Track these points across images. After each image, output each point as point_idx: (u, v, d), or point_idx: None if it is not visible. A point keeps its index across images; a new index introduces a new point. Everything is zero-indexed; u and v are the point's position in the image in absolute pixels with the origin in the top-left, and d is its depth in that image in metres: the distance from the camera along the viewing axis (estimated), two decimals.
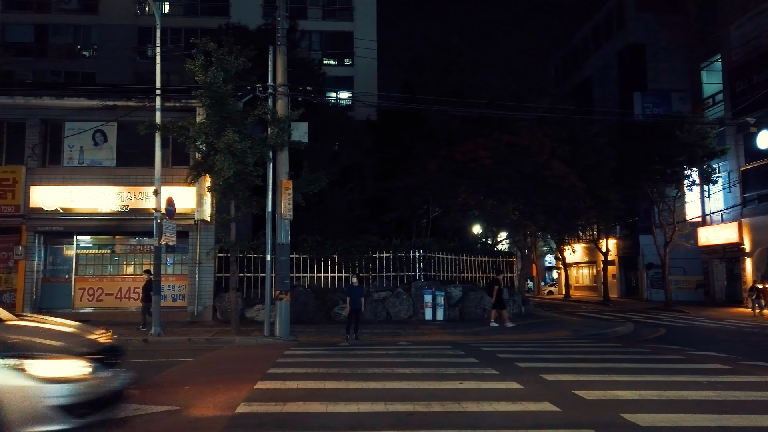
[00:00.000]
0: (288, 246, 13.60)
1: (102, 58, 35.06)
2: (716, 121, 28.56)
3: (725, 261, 31.15)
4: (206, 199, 16.13)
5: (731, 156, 29.07)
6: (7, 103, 16.42)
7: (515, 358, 9.95)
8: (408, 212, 26.12)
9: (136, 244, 17.48)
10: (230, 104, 13.17)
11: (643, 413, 5.96)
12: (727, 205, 30.19)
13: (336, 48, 37.50)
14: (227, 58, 13.19)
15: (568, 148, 23.78)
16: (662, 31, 36.53)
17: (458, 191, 21.61)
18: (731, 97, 29.19)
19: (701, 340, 14.03)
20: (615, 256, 38.87)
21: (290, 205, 13.46)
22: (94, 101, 16.55)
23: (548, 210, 22.22)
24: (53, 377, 4.56)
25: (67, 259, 17.22)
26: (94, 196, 16.53)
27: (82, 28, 36.06)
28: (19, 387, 4.44)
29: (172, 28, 33.40)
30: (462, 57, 25.62)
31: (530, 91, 25.44)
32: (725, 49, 30.38)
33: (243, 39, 16.51)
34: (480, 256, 20.44)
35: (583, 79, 44.34)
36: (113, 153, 17.15)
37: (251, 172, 13.37)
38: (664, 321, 20.39)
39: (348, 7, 37.45)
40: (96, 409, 4.89)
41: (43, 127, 16.98)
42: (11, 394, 4.38)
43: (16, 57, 20.52)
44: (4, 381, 4.41)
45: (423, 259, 18.01)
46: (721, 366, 9.41)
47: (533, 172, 20.94)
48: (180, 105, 16.12)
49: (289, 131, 13.66)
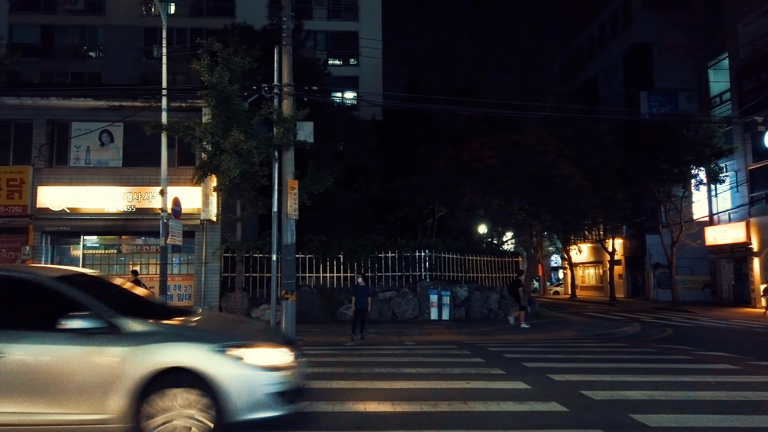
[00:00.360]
0: (294, 246, 13.60)
1: (108, 58, 35.21)
2: (723, 119, 28.40)
3: (733, 261, 30.97)
4: (212, 198, 16.15)
5: (739, 155, 28.90)
6: (14, 104, 16.51)
7: (522, 358, 9.92)
8: (413, 212, 26.11)
9: (143, 244, 17.53)
10: (236, 104, 13.18)
11: (652, 413, 5.92)
12: (734, 204, 30.01)
13: (341, 48, 37.53)
14: (233, 58, 13.21)
15: (574, 147, 23.69)
16: (668, 30, 36.36)
17: (463, 191, 21.56)
18: (738, 95, 29.01)
19: (709, 341, 13.95)
20: (621, 256, 38.73)
21: (296, 204, 13.46)
22: (101, 102, 16.61)
23: (554, 210, 22.12)
24: (268, 365, 4.77)
25: (74, 259, 17.29)
26: (101, 196, 16.59)
27: (89, 28, 36.23)
28: (241, 375, 4.63)
29: (178, 28, 33.55)
30: (466, 56, 25.58)
31: (535, 90, 25.34)
32: (732, 48, 30.20)
33: (248, 39, 16.57)
34: (486, 256, 20.40)
35: (589, 78, 44.20)
36: (119, 153, 17.20)
37: (257, 172, 13.38)
38: (671, 321, 20.29)
39: (353, 7, 37.47)
40: (299, 397, 5.12)
41: (49, 128, 17.04)
42: (236, 381, 4.58)
43: (23, 58, 20.57)
44: (229, 370, 4.60)
45: (428, 258, 17.99)
46: (729, 366, 9.35)
47: (539, 172, 20.87)
48: (186, 105, 16.16)
49: (294, 131, 13.66)
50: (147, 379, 4.46)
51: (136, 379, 4.45)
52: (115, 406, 4.44)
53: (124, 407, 4.44)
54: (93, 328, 4.57)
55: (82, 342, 4.55)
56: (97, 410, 4.46)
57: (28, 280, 5.01)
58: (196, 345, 4.70)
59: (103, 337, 4.58)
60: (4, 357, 4.48)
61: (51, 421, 4.47)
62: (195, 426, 4.49)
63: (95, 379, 4.48)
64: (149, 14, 35.80)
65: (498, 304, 19.15)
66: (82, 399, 4.46)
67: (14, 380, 4.48)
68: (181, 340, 4.76)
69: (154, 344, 4.59)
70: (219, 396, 4.51)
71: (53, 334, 4.58)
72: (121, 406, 4.44)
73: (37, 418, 4.46)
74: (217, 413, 4.51)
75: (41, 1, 35.66)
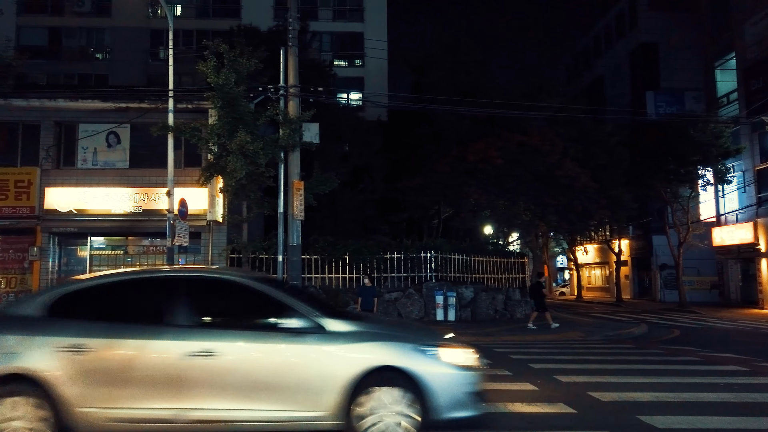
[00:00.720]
0: (299, 246, 13.63)
1: (115, 60, 35.38)
2: (730, 120, 28.23)
3: (740, 261, 30.79)
4: (218, 200, 16.19)
5: (746, 155, 28.73)
6: (22, 106, 16.60)
7: (528, 359, 9.90)
8: (419, 213, 26.11)
9: (149, 245, 17.59)
10: (242, 105, 13.23)
11: (660, 415, 5.90)
12: (741, 205, 29.85)
13: (346, 49, 37.57)
14: (239, 59, 13.25)
15: (580, 147, 23.63)
16: (675, 30, 36.21)
17: (469, 191, 21.53)
18: (746, 95, 28.85)
19: (716, 342, 13.87)
20: (628, 257, 38.58)
21: (302, 205, 13.49)
22: (108, 103, 16.68)
23: (560, 210, 22.06)
24: (465, 365, 4.87)
25: (81, 259, 17.37)
26: (108, 197, 16.66)
27: (95, 30, 36.41)
28: (444, 374, 4.72)
29: (184, 30, 33.65)
30: (471, 57, 25.55)
31: (541, 90, 25.30)
32: (739, 47, 30.04)
33: (254, 40, 16.60)
34: (491, 257, 20.35)
35: (595, 79, 44.08)
36: (126, 154, 17.27)
37: (263, 173, 13.42)
38: (678, 322, 20.20)
39: (358, 8, 37.50)
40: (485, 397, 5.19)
41: (57, 129, 17.13)
42: (439, 380, 4.67)
43: (31, 60, 20.74)
44: (433, 369, 4.70)
45: (434, 259, 17.96)
46: (737, 367, 9.30)
47: (544, 172, 20.82)
48: (192, 106, 16.20)
49: (300, 132, 13.69)
50: (359, 377, 4.57)
51: (348, 377, 4.57)
52: (328, 404, 4.55)
53: (336, 404, 4.55)
54: (304, 327, 4.73)
55: (294, 341, 4.68)
56: (312, 407, 4.58)
57: (234, 281, 5.18)
58: (401, 344, 4.81)
59: (312, 336, 4.71)
60: (218, 356, 4.57)
61: (266, 418, 4.59)
62: (405, 422, 4.58)
63: (309, 377, 4.60)
64: (155, 16, 35.95)
65: (504, 305, 19.12)
66: (297, 396, 4.58)
67: (229, 378, 4.58)
68: (385, 339, 4.88)
69: (361, 343, 4.73)
70: (425, 394, 4.60)
71: (266, 333, 4.77)
72: (334, 403, 4.55)
73: (252, 414, 4.57)
74: (423, 411, 4.60)
75: (48, 4, 35.85)
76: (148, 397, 4.52)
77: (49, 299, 4.89)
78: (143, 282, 5.25)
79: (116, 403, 4.51)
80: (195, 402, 4.53)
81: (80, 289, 5.06)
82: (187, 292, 4.94)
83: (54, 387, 4.43)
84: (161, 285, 5.12)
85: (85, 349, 4.54)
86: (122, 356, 4.61)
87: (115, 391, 4.53)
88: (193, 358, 4.54)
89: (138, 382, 4.54)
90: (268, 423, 4.57)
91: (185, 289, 4.99)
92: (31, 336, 4.62)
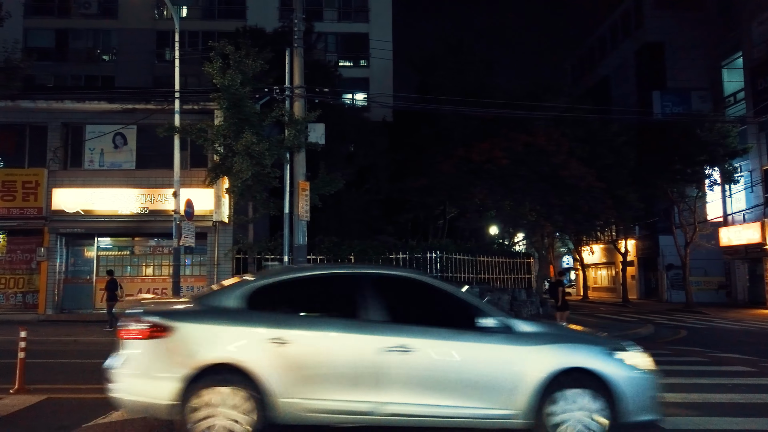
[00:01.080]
0: (305, 247, 13.64)
1: (121, 61, 35.54)
2: (737, 119, 28.10)
3: (747, 262, 30.62)
4: (224, 200, 16.25)
5: (753, 155, 28.57)
6: (29, 107, 16.72)
7: None
8: (424, 213, 26.08)
9: (155, 246, 17.68)
10: (248, 106, 13.26)
11: (667, 416, 5.88)
12: (749, 204, 29.69)
13: (351, 49, 37.61)
14: (245, 60, 13.29)
15: (586, 147, 23.54)
16: (681, 29, 36.02)
17: (474, 192, 21.50)
18: (753, 94, 28.70)
19: (723, 342, 13.80)
20: (634, 257, 38.42)
21: (307, 206, 13.51)
22: (114, 104, 16.78)
23: (566, 210, 21.99)
24: (646, 368, 4.88)
25: (88, 260, 17.48)
26: (115, 198, 16.75)
27: (102, 32, 36.59)
28: (632, 377, 4.74)
29: (190, 31, 33.75)
30: (476, 57, 25.54)
31: (546, 90, 25.23)
32: (746, 47, 29.88)
33: (260, 41, 16.65)
34: (497, 257, 20.30)
35: (601, 78, 43.92)
36: (133, 155, 17.37)
37: (269, 174, 13.45)
38: (685, 323, 20.10)
39: (363, 9, 37.53)
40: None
41: (64, 131, 17.25)
42: (628, 383, 4.69)
43: (38, 61, 20.83)
44: (622, 372, 4.72)
45: (439, 260, 17.93)
46: (744, 368, 9.26)
47: (550, 172, 20.76)
48: (198, 107, 16.27)
49: (306, 132, 13.71)
50: (550, 378, 4.62)
51: (539, 377, 4.61)
52: (519, 402, 4.61)
53: (527, 403, 4.60)
54: (494, 327, 4.80)
55: (486, 340, 4.76)
56: (503, 405, 4.64)
57: (423, 281, 5.35)
58: (590, 347, 4.87)
59: (503, 335, 4.78)
60: (414, 352, 4.66)
61: (458, 414, 4.67)
62: (594, 425, 4.61)
63: (502, 376, 4.67)
64: (161, 18, 36.09)
65: (510, 306, 19.07)
66: (489, 394, 4.65)
67: (424, 374, 4.67)
68: (574, 341, 4.99)
69: (551, 344, 4.79)
70: (615, 397, 4.62)
71: (459, 331, 4.82)
72: (525, 402, 4.60)
73: (445, 410, 4.65)
74: (611, 414, 4.62)
75: (55, 6, 36.07)
76: (347, 389, 4.64)
77: (247, 292, 5.00)
78: (336, 278, 5.46)
79: (316, 395, 4.62)
80: (391, 396, 4.63)
81: (276, 283, 5.21)
82: (378, 290, 5.06)
83: (260, 377, 4.57)
84: (353, 282, 5.24)
85: (287, 341, 4.66)
86: (322, 349, 4.74)
87: (316, 382, 4.65)
88: (390, 353, 4.64)
89: (337, 375, 4.67)
90: (461, 419, 4.66)
91: (377, 286, 5.11)
92: (238, 327, 4.77)
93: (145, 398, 4.65)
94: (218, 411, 4.53)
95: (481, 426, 4.71)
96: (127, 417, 5.67)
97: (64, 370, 8.95)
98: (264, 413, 4.55)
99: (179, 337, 4.67)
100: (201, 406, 4.53)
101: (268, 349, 4.63)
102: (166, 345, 4.64)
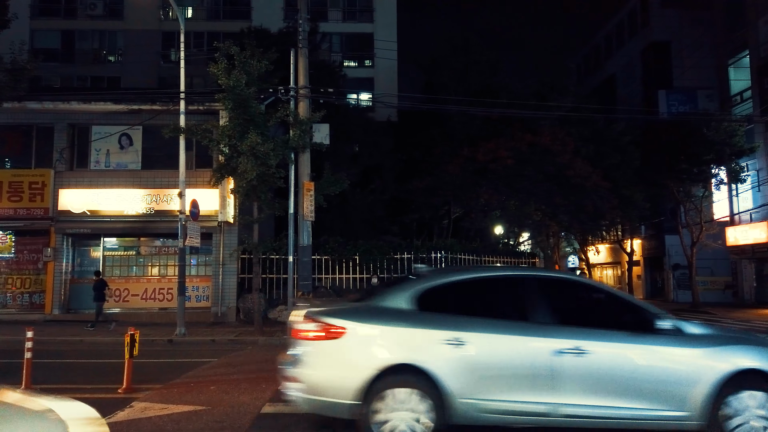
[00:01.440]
0: (310, 247, 13.67)
1: (127, 62, 35.68)
2: (744, 118, 27.93)
3: (754, 261, 30.45)
4: (229, 200, 16.29)
5: (760, 154, 28.40)
6: (36, 108, 16.80)
7: None
8: (429, 213, 26.08)
9: (161, 246, 17.73)
10: (253, 107, 13.28)
11: None
12: (756, 204, 29.51)
13: (356, 50, 37.60)
14: (250, 61, 13.31)
15: (592, 147, 23.50)
16: (687, 28, 35.87)
17: (479, 191, 21.49)
18: (760, 93, 28.52)
19: None
20: (640, 257, 38.26)
21: (312, 206, 13.53)
22: (120, 105, 16.84)
23: (571, 210, 21.96)
24: None
25: (94, 260, 17.54)
26: (120, 198, 16.82)
27: (108, 33, 36.73)
28: None
29: (195, 32, 33.88)
30: (482, 57, 25.51)
31: (552, 89, 25.19)
32: (753, 45, 29.71)
33: (265, 42, 16.68)
34: (502, 257, 20.31)
35: (606, 78, 43.77)
36: (138, 156, 17.43)
37: (274, 174, 13.47)
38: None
39: (368, 9, 37.52)
40: None
41: (70, 131, 17.32)
42: None
43: (44, 63, 20.96)
44: None
45: (444, 260, 17.95)
46: None
47: (556, 172, 20.74)
48: (203, 108, 16.32)
49: (310, 133, 13.73)
50: (724, 379, 4.64)
51: (714, 379, 4.64)
52: (694, 404, 4.65)
53: (701, 405, 4.63)
54: (665, 329, 4.85)
55: (659, 342, 4.81)
56: (677, 407, 4.68)
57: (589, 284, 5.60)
58: (762, 349, 4.88)
59: (674, 338, 4.83)
60: (588, 354, 4.70)
61: (632, 416, 4.71)
62: None
63: (677, 378, 4.71)
64: (167, 18, 36.20)
65: None
66: (663, 395, 4.70)
67: (599, 376, 4.72)
68: (746, 343, 4.99)
69: (724, 346, 4.84)
70: None
71: (631, 333, 4.87)
72: (700, 403, 4.64)
73: (619, 412, 4.69)
74: None
75: (61, 7, 36.24)
76: (523, 390, 4.69)
77: (416, 293, 5.04)
78: (503, 280, 5.51)
79: (492, 395, 4.67)
80: (566, 397, 4.68)
81: (445, 285, 5.26)
82: (546, 292, 5.14)
83: (439, 378, 4.63)
84: (521, 284, 5.32)
85: (464, 343, 4.71)
86: (498, 351, 4.79)
87: (492, 383, 4.70)
88: (564, 355, 4.69)
89: (513, 376, 4.73)
90: (635, 420, 4.69)
91: (544, 288, 5.19)
92: (414, 328, 4.82)
93: (326, 398, 4.72)
94: (399, 411, 4.59)
95: (655, 427, 4.75)
96: (132, 417, 5.70)
97: (71, 370, 8.99)
98: (442, 413, 4.61)
99: (358, 338, 4.77)
100: (382, 407, 4.59)
101: (445, 351, 4.68)
102: (346, 345, 4.73)
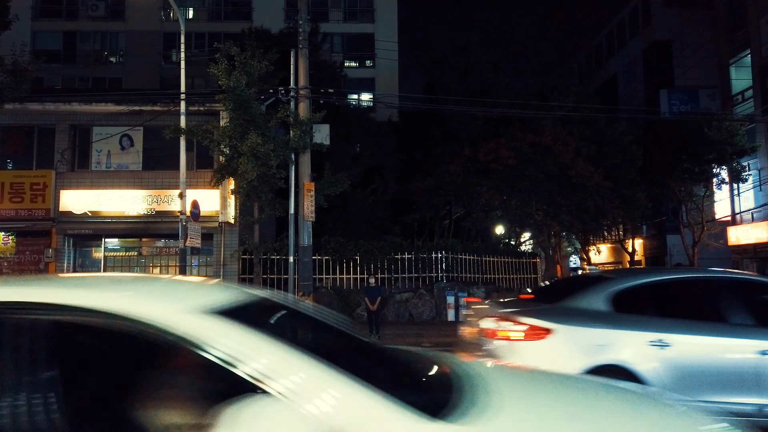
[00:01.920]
0: (310, 247, 13.68)
1: (128, 63, 35.74)
2: (746, 117, 27.89)
3: (756, 261, 30.38)
4: (230, 201, 16.31)
5: (762, 153, 28.34)
6: (37, 109, 16.84)
7: None
8: (430, 213, 26.05)
9: (162, 246, 17.76)
10: (253, 107, 13.30)
11: None
12: (757, 203, 29.45)
13: (357, 50, 37.61)
14: (250, 61, 13.33)
15: (593, 147, 23.45)
16: (689, 27, 35.82)
17: (481, 191, 21.47)
18: (761, 92, 28.46)
19: None
20: (641, 257, 38.21)
21: (312, 206, 13.53)
22: (121, 106, 16.87)
23: (573, 210, 21.91)
24: None
25: (96, 261, 17.59)
26: (122, 199, 16.84)
27: (109, 34, 36.79)
28: None
29: (196, 33, 33.93)
30: (483, 57, 25.47)
31: (553, 89, 25.15)
32: (755, 45, 29.64)
33: (265, 42, 16.68)
34: (503, 257, 20.29)
35: (608, 77, 43.73)
36: (139, 157, 17.45)
37: (274, 175, 13.49)
38: None
39: (369, 9, 37.52)
40: None
41: (72, 132, 17.36)
42: None
43: (46, 64, 20.98)
44: None
45: (445, 260, 17.94)
46: None
47: (557, 172, 20.71)
48: (204, 109, 16.34)
49: (311, 133, 13.74)
50: None
51: None
52: None
53: None
54: None
55: None
56: None
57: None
58: None
59: None
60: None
61: None
62: None
63: None
64: (168, 19, 36.24)
65: None
66: None
67: None
68: None
69: None
70: None
71: None
72: None
73: None
74: None
75: (63, 8, 36.30)
76: (729, 391, 4.72)
77: (611, 295, 5.09)
78: (698, 282, 5.58)
79: (699, 396, 4.66)
80: None
81: (639, 286, 5.32)
82: (743, 294, 5.19)
83: (646, 379, 4.64)
84: (717, 285, 5.38)
85: (668, 344, 4.74)
86: (701, 352, 4.82)
87: (698, 384, 4.71)
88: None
89: (719, 377, 4.75)
90: None
91: (742, 290, 5.25)
92: (617, 330, 4.85)
93: None
94: None
95: None
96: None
97: None
98: None
99: (563, 338, 4.79)
100: None
101: (649, 352, 4.72)
102: (552, 346, 4.76)
